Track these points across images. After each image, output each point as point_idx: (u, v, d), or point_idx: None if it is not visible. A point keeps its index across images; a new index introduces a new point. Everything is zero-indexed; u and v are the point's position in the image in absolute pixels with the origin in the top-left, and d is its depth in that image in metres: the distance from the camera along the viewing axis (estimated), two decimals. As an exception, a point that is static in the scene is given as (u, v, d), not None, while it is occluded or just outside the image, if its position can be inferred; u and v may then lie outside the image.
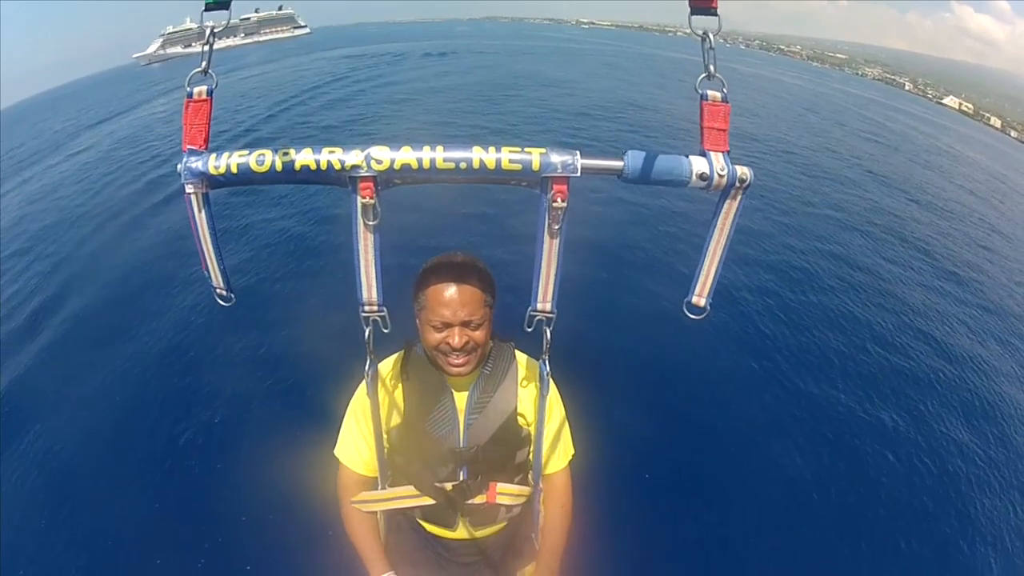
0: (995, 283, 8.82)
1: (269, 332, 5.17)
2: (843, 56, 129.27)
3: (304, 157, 1.11)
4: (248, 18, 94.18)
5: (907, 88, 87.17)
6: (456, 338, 1.52)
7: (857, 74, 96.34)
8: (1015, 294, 8.57)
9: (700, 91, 1.10)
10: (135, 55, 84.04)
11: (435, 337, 1.54)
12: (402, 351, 1.75)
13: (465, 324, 1.52)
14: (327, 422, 1.84)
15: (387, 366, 1.73)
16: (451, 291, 1.50)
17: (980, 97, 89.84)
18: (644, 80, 28.37)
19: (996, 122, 65.11)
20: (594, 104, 18.28)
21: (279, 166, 1.11)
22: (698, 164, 1.10)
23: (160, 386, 4.69)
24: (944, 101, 76.74)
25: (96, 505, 3.61)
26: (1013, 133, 58.94)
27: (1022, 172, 25.46)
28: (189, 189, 1.14)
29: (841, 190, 12.02)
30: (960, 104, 75.34)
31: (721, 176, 1.09)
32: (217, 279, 1.24)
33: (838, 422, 4.77)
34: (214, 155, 1.13)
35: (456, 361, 1.56)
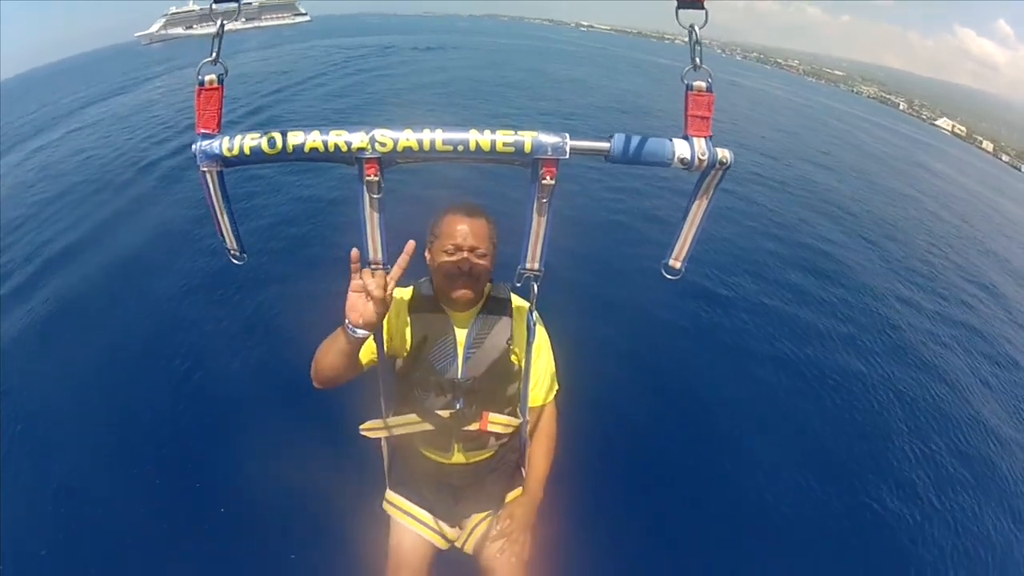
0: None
1: (269, 310, 5.18)
2: (840, 73, 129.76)
3: (313, 140, 1.20)
4: (250, 3, 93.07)
5: (901, 108, 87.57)
6: (466, 258, 1.76)
7: (852, 91, 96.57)
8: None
9: (686, 82, 1.18)
10: (137, 34, 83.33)
11: (446, 262, 1.78)
12: (411, 287, 1.97)
13: (473, 250, 1.77)
14: (327, 412, 1.93)
15: (396, 294, 1.91)
16: (463, 220, 1.78)
17: (976, 121, 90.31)
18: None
19: (988, 145, 65.59)
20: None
21: (290, 148, 1.19)
22: (680, 147, 1.19)
23: (154, 363, 4.62)
24: (937, 122, 77.23)
25: (87, 492, 3.50)
26: (1005, 157, 59.36)
27: (985, 183, 26.30)
28: (204, 168, 1.22)
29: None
30: (953, 126, 75.75)
31: (702, 159, 1.19)
32: (232, 243, 1.34)
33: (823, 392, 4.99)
34: (227, 138, 1.20)
35: (463, 285, 1.80)
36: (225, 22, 1.20)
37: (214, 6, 1.19)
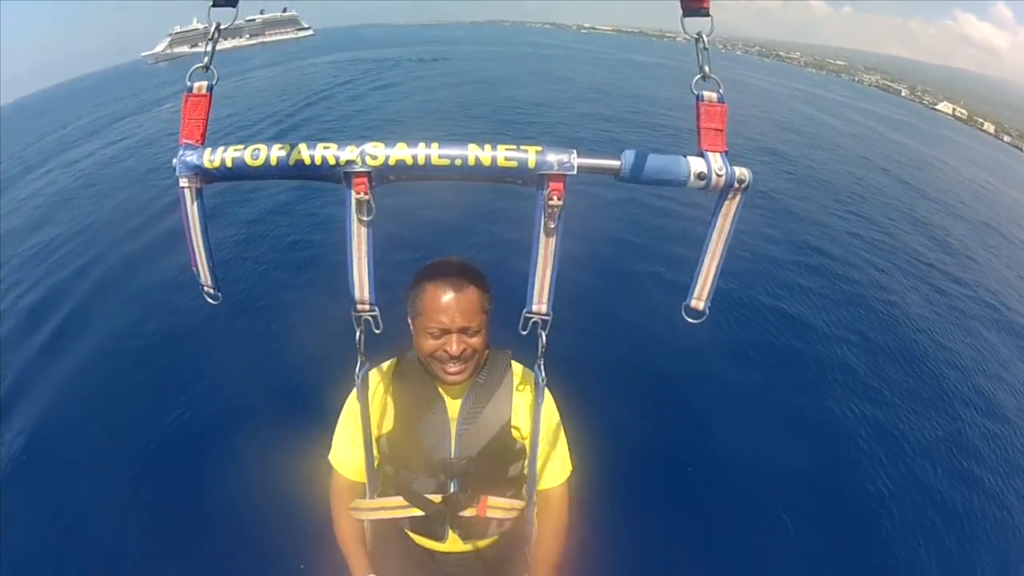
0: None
1: (265, 328, 5.15)
2: (842, 63, 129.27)
3: (299, 152, 1.11)
4: (253, 19, 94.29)
5: (903, 94, 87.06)
6: (454, 345, 1.48)
7: (854, 80, 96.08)
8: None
9: (696, 92, 1.09)
10: (143, 53, 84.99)
11: (431, 344, 1.50)
12: (395, 359, 1.71)
13: (463, 331, 1.48)
14: (321, 419, 1.83)
15: (379, 372, 1.69)
16: (448, 296, 1.46)
17: (979, 104, 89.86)
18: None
19: (990, 127, 65.28)
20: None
21: (274, 160, 1.11)
22: (696, 164, 1.09)
23: (151, 381, 4.66)
24: (938, 107, 76.83)
25: (84, 501, 3.56)
26: (1007, 138, 59.20)
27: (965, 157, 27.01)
28: (183, 183, 1.14)
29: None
30: (954, 109, 75.36)
31: (719, 176, 1.08)
32: (206, 277, 1.24)
33: (838, 425, 4.83)
34: (209, 149, 1.13)
35: (453, 369, 1.52)
36: (222, 27, 1.14)
37: (212, 10, 1.13)
